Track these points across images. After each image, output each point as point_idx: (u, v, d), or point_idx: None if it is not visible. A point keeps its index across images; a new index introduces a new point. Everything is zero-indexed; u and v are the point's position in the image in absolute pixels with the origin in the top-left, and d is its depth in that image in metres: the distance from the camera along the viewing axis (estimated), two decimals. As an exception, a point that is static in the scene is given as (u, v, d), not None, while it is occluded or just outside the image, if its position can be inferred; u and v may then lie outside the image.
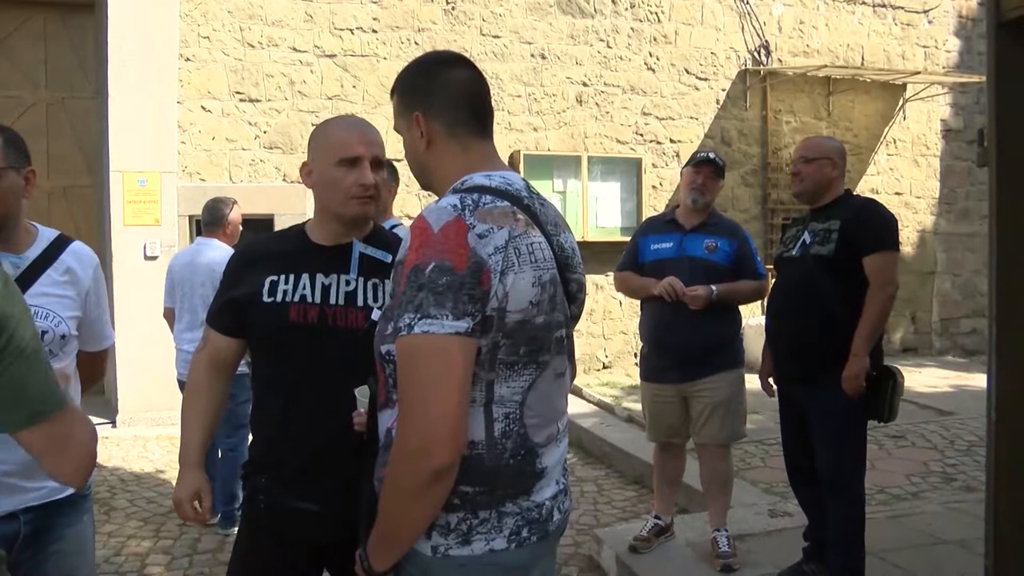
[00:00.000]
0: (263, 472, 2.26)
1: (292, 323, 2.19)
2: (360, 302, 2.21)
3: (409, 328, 1.51)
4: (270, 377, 2.29)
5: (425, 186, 1.86)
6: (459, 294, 1.52)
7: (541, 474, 1.71)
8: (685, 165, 4.34)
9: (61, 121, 8.57)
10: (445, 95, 1.78)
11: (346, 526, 2.16)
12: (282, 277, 2.24)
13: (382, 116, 8.59)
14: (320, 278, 2.23)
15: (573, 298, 1.82)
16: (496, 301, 1.56)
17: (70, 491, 2.29)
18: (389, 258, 2.28)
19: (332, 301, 2.21)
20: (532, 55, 9.35)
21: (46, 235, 2.40)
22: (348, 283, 2.23)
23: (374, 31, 8.74)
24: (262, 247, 2.41)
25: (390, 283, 2.27)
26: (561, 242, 1.76)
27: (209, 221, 5.07)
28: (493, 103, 1.87)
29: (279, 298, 2.22)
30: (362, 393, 2.06)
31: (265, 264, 2.29)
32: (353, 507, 1.90)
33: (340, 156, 2.21)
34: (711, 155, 4.28)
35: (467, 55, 1.84)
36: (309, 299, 2.21)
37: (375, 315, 1.71)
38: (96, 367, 2.63)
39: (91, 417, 5.75)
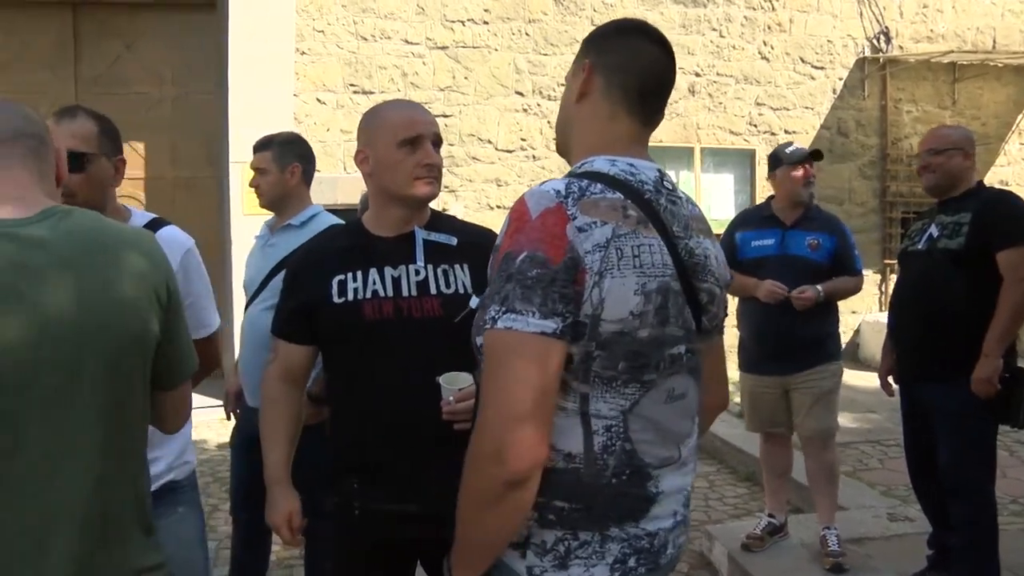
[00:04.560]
0: (352, 476, 2.20)
1: (368, 320, 2.14)
2: (433, 290, 2.17)
3: (493, 322, 1.39)
4: (349, 378, 2.22)
5: (560, 144, 1.73)
6: (549, 290, 1.37)
7: (654, 500, 1.53)
8: (777, 167, 4.14)
9: (184, 116, 8.89)
10: (622, 56, 1.62)
11: (443, 523, 2.16)
12: (350, 275, 2.18)
13: (494, 107, 8.64)
14: (388, 271, 2.18)
15: (704, 310, 1.60)
16: (590, 306, 1.40)
17: (163, 481, 2.31)
18: (454, 241, 2.24)
19: (405, 293, 2.16)
20: (643, 45, 9.23)
21: (139, 219, 2.43)
22: (417, 272, 2.18)
23: (485, 22, 8.77)
24: (322, 248, 2.35)
25: (460, 269, 2.21)
26: (690, 247, 1.56)
27: None
28: None
29: (351, 297, 2.16)
30: (447, 381, 2.05)
31: (329, 265, 2.22)
32: (448, 502, 1.89)
33: (401, 137, 2.15)
34: (807, 148, 4.15)
35: (578, 45, 1.75)
36: (381, 293, 2.15)
37: (473, 302, 1.61)
38: (203, 354, 2.64)
39: (208, 401, 5.90)
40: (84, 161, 2.26)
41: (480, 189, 8.47)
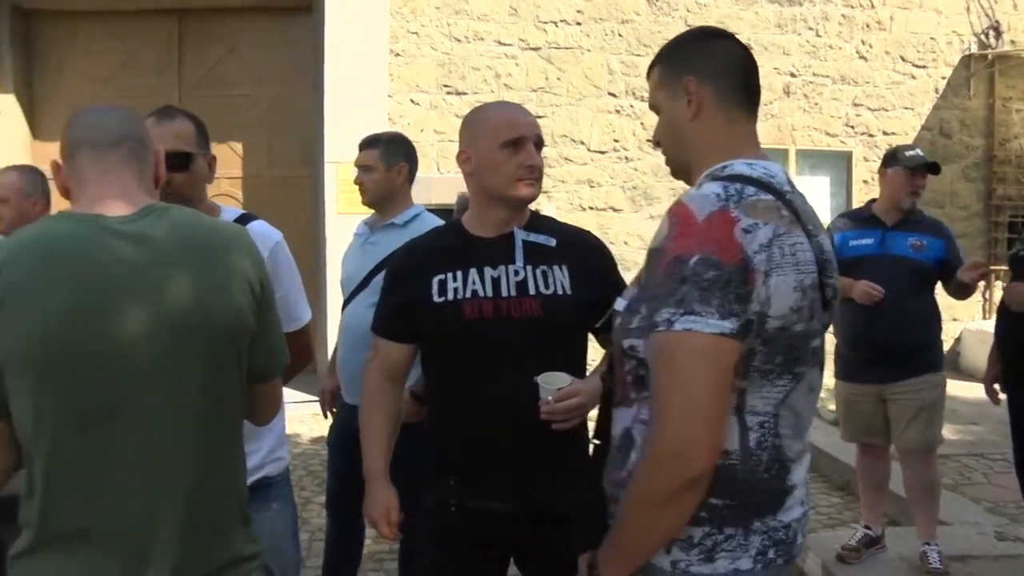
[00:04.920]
0: (450, 474, 2.24)
1: (468, 320, 2.16)
2: (532, 290, 2.18)
3: (669, 324, 1.41)
4: (447, 377, 2.26)
5: (678, 168, 1.73)
6: (726, 291, 1.40)
7: (790, 491, 1.57)
8: (891, 165, 4.03)
9: (281, 116, 9.10)
10: (718, 61, 1.65)
11: (539, 522, 2.14)
12: (450, 275, 2.20)
13: (587, 108, 8.62)
14: (488, 271, 2.20)
15: (827, 304, 1.64)
16: (758, 304, 1.44)
17: (256, 477, 2.34)
18: (553, 242, 2.25)
19: (504, 293, 2.18)
20: (738, 45, 9.07)
21: (229, 214, 2.48)
22: (517, 273, 2.20)
23: (578, 23, 8.74)
24: (422, 247, 2.38)
25: (559, 270, 2.22)
26: (820, 243, 1.60)
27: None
28: None
29: (450, 296, 2.18)
30: (545, 381, 2.07)
31: (429, 264, 2.25)
32: (544, 502, 1.88)
33: (504, 138, 2.16)
34: (927, 158, 4.03)
35: None
36: (481, 294, 2.18)
37: (619, 305, 1.61)
38: (294, 348, 2.64)
39: (301, 396, 6.00)
40: (188, 160, 2.33)
41: (572, 190, 8.45)
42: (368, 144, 3.37)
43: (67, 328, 1.52)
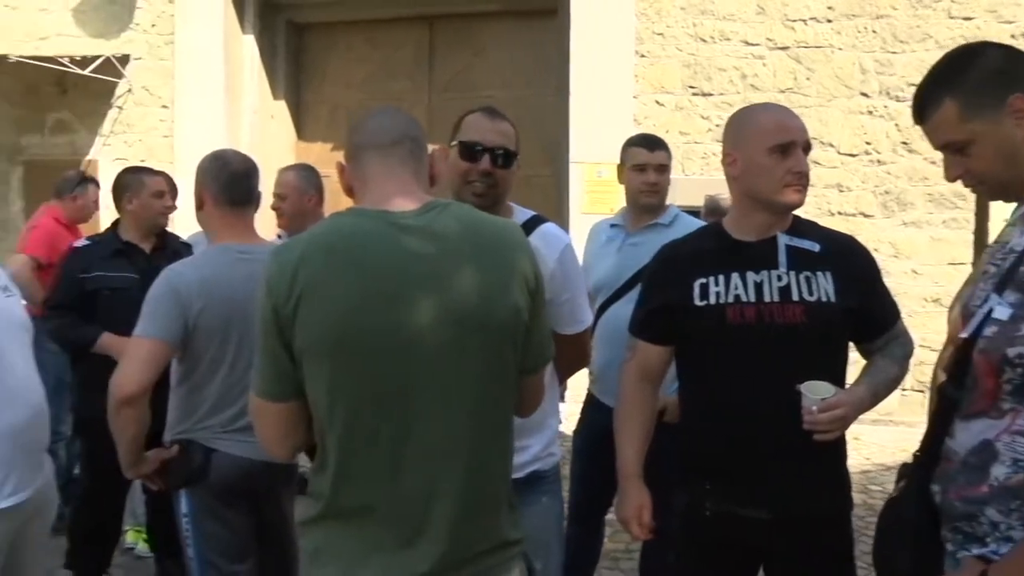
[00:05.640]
0: (705, 477, 2.22)
1: (730, 324, 2.14)
2: (795, 296, 2.13)
3: None
4: (707, 380, 2.24)
5: (1001, 189, 1.67)
6: None
7: None
8: None
9: (525, 117, 9.27)
10: (1014, 63, 1.61)
11: (795, 531, 2.12)
12: (711, 279, 2.19)
13: (836, 109, 8.29)
14: (751, 276, 2.17)
15: None
16: None
17: (529, 470, 2.42)
18: (817, 248, 2.19)
19: (767, 298, 2.14)
20: (1012, 36, 8.42)
21: (521, 215, 2.56)
22: (780, 278, 2.16)
23: (828, 20, 8.41)
24: (684, 250, 2.36)
25: (823, 276, 2.16)
26: None
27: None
28: None
29: (712, 300, 2.17)
30: (809, 389, 2.02)
31: (691, 267, 2.24)
32: (803, 510, 1.81)
33: (772, 142, 2.14)
34: None
35: (932, 41, 1.67)
36: (743, 298, 2.15)
37: (1000, 313, 1.55)
38: (576, 350, 2.66)
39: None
40: (511, 158, 2.45)
41: (821, 194, 8.14)
42: (661, 145, 3.44)
43: (361, 317, 1.62)
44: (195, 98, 9.22)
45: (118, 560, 4.20)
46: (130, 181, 3.84)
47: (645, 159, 3.42)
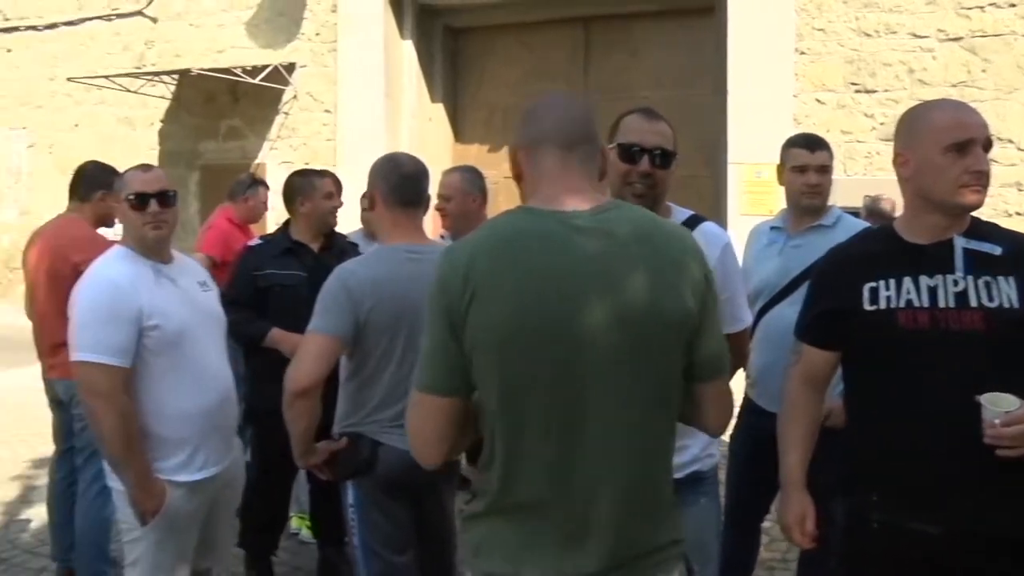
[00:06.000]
0: (873, 488, 2.13)
1: (902, 330, 2.04)
2: (974, 302, 2.01)
3: None
4: (876, 388, 2.14)
5: None
6: None
7: None
8: None
9: (681, 117, 9.14)
10: None
11: (970, 548, 1.99)
12: (882, 283, 2.09)
13: (1017, 103, 7.81)
14: (924, 280, 2.06)
15: None
16: None
17: (689, 471, 2.39)
18: (998, 251, 2.05)
19: (942, 304, 2.03)
20: None
21: (680, 215, 2.53)
22: (956, 283, 2.03)
23: (1012, 5, 7.90)
24: (853, 252, 2.27)
25: (1005, 281, 2.02)
26: None
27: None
28: None
29: (883, 305, 2.07)
30: (990, 401, 1.90)
31: (860, 270, 2.15)
32: (981, 526, 1.76)
33: (949, 141, 2.01)
34: None
35: None
36: (916, 303, 2.04)
37: None
38: (735, 350, 2.60)
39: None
40: (670, 159, 2.44)
41: (997, 194, 7.67)
42: (822, 145, 3.35)
43: (533, 316, 1.63)
44: (356, 102, 9.58)
45: (284, 544, 4.39)
46: (302, 184, 3.99)
47: (806, 160, 3.33)
